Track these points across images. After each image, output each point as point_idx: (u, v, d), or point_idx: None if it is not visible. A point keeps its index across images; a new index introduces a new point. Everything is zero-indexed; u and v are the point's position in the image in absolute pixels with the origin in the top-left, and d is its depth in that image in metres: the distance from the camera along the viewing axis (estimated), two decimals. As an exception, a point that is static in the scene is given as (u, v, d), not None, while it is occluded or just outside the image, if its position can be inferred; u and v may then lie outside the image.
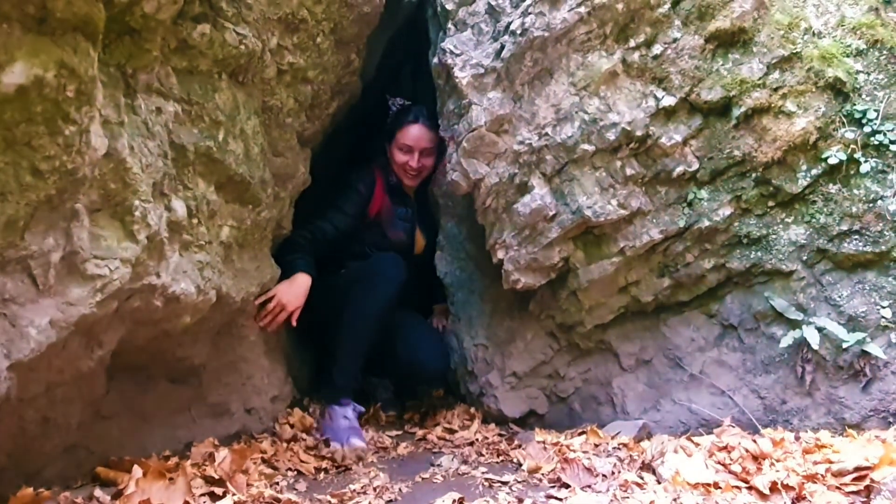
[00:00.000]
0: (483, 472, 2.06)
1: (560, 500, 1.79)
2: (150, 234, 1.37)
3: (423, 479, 2.04)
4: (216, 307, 1.85)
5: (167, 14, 1.27)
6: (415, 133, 2.75)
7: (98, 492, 1.45)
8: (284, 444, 2.30)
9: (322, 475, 2.14)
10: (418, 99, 4.14)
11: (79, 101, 1.09)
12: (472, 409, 2.62)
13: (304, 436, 2.43)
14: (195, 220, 1.65)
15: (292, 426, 2.46)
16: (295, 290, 2.38)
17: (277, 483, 1.96)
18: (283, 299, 2.34)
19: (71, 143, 1.10)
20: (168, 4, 1.24)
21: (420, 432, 2.54)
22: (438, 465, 2.15)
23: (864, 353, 2.02)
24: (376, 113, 3.34)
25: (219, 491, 1.71)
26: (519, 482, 1.97)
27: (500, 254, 2.31)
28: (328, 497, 1.84)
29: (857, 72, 2.03)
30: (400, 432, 2.60)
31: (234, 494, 1.70)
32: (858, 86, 2.03)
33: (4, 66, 0.93)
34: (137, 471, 1.49)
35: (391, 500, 1.89)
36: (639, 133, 2.09)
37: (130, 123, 1.31)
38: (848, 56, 2.03)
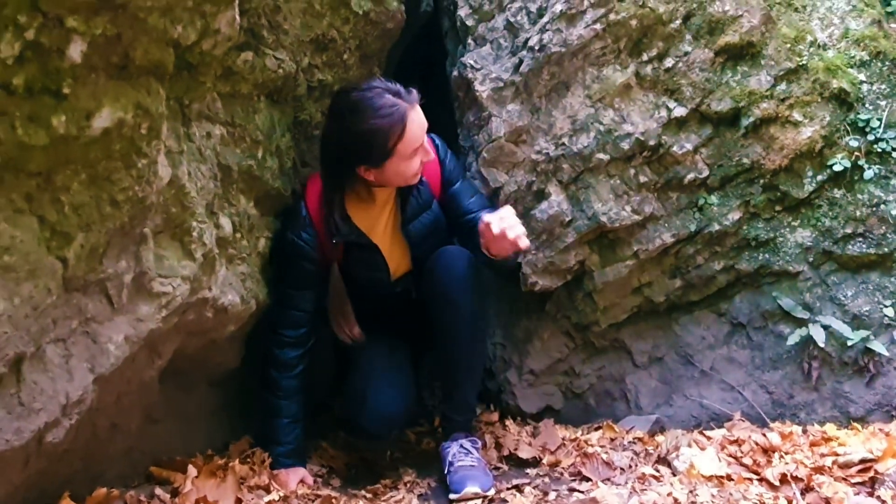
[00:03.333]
0: (507, 466, 2.17)
1: (582, 492, 1.90)
2: (205, 252, 1.47)
3: (450, 473, 2.15)
4: (253, 314, 1.96)
5: (222, 49, 1.37)
6: (419, 123, 1.86)
7: (158, 490, 1.56)
8: (314, 442, 2.41)
9: (353, 471, 2.26)
10: (429, 99, 4.24)
11: (149, 136, 1.19)
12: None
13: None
14: (238, 235, 1.75)
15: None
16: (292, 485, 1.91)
17: (315, 480, 2.07)
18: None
19: (143, 174, 1.21)
20: (223, 42, 1.33)
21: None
22: (464, 460, 2.25)
23: (868, 351, 2.13)
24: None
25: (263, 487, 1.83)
26: (541, 476, 2.08)
27: (519, 257, 2.41)
28: (363, 492, 1.96)
29: (861, 82, 2.13)
30: (424, 428, 2.71)
31: (277, 490, 1.82)
32: (862, 96, 2.12)
33: (94, 112, 1.03)
34: (192, 470, 1.60)
35: (422, 494, 2.00)
36: (652, 142, 2.19)
37: (188, 151, 1.41)
38: (852, 67, 2.13)
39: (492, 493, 1.89)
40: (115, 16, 1.00)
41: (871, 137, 2.10)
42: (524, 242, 1.77)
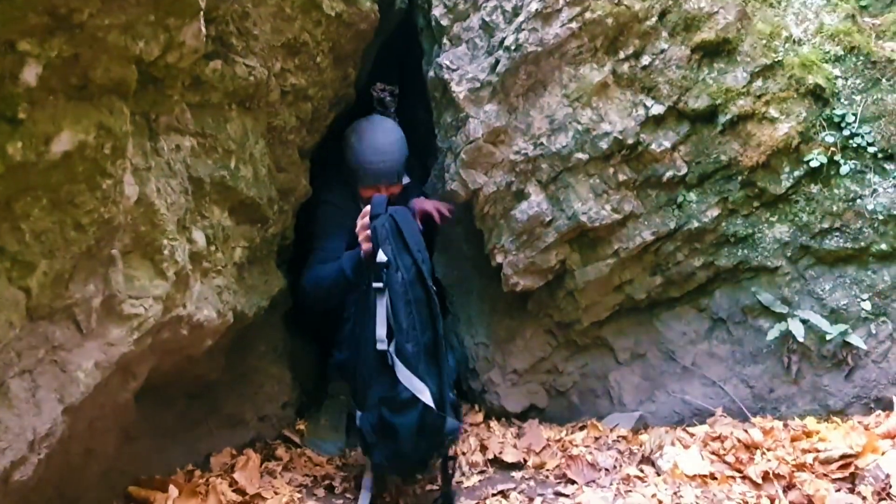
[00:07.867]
0: (492, 470, 2.16)
1: (567, 496, 1.90)
2: (178, 270, 1.43)
3: (435, 479, 2.14)
4: (232, 325, 1.92)
5: (188, 62, 1.32)
6: None
7: (138, 513, 1.53)
8: (299, 450, 2.39)
9: (339, 480, 2.24)
10: (405, 89, 4.17)
11: (114, 155, 1.15)
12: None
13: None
14: (213, 248, 1.71)
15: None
16: None
17: (300, 490, 2.05)
18: None
19: (108, 195, 1.16)
20: (189, 54, 1.29)
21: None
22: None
23: (846, 344, 2.15)
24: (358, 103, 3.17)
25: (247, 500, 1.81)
26: (527, 479, 2.08)
27: (500, 258, 2.39)
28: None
29: (836, 77, 2.13)
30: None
31: (263, 502, 1.79)
32: (837, 91, 2.13)
33: (53, 136, 0.99)
34: (174, 490, 1.57)
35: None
36: (630, 141, 2.17)
37: (156, 166, 1.36)
38: (827, 62, 2.13)
39: None
40: (71, 36, 0.96)
41: (846, 133, 2.11)
42: None
